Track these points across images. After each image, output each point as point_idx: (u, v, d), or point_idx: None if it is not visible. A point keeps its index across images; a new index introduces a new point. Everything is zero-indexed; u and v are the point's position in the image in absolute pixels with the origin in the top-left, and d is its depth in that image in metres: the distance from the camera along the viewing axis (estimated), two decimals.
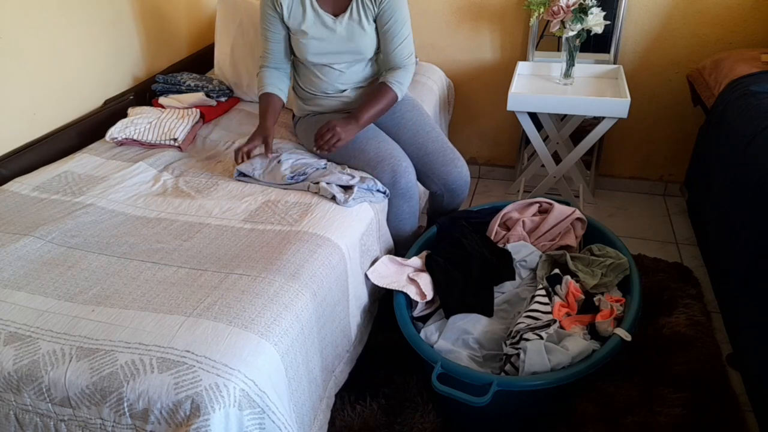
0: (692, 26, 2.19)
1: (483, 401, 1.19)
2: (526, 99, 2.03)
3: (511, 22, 2.34)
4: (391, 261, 1.57)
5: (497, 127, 2.61)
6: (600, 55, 2.30)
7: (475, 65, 2.48)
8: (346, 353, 1.46)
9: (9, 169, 1.66)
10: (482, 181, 2.72)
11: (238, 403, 0.98)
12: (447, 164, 1.74)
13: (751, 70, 1.82)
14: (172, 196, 1.56)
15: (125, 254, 1.31)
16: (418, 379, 1.56)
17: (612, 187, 2.59)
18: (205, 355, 1.01)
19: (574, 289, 1.46)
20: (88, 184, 1.61)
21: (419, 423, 1.45)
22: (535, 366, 1.27)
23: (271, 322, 1.11)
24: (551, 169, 2.21)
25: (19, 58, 1.70)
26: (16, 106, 1.71)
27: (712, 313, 1.80)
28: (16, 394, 1.04)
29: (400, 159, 1.66)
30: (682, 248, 2.17)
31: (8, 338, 1.08)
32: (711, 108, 1.90)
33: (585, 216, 1.71)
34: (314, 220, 1.42)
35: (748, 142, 1.52)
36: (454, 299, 1.48)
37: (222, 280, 1.21)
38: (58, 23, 1.81)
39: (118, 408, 0.99)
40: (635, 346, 1.62)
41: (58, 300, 1.17)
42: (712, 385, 1.52)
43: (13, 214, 1.47)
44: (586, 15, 1.98)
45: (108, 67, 2.03)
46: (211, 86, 2.08)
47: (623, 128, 2.42)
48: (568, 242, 1.65)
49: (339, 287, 1.36)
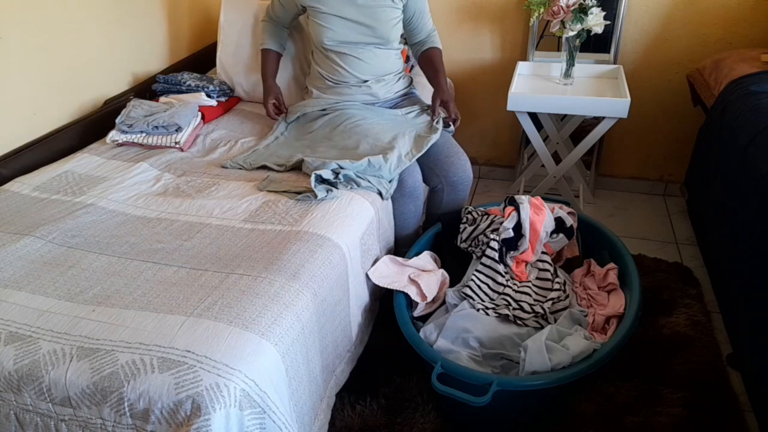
0: (692, 26, 2.19)
1: (483, 401, 1.19)
2: (526, 99, 2.03)
3: (511, 22, 2.34)
4: (392, 261, 1.57)
5: (497, 127, 2.61)
6: (600, 55, 2.31)
7: (475, 65, 2.48)
8: (347, 353, 1.46)
9: (9, 169, 1.66)
10: (482, 181, 2.72)
11: (239, 403, 0.98)
12: (450, 156, 1.75)
13: (751, 70, 1.83)
14: (173, 196, 1.56)
15: (126, 254, 1.31)
16: (418, 379, 1.56)
17: (612, 187, 2.59)
18: (205, 355, 1.01)
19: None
20: (89, 184, 1.61)
21: (419, 423, 1.45)
22: (536, 365, 1.27)
23: (271, 322, 1.11)
24: (551, 169, 2.21)
25: (20, 58, 1.70)
26: (16, 106, 1.71)
27: (712, 313, 1.80)
28: (17, 393, 1.04)
29: None
30: (682, 248, 2.17)
31: (9, 338, 1.08)
32: (711, 108, 1.90)
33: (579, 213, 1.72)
34: (315, 220, 1.42)
35: (748, 142, 1.53)
36: None
37: (222, 280, 1.21)
38: (59, 23, 1.81)
39: (119, 408, 0.99)
40: (635, 346, 1.63)
41: (59, 300, 1.17)
42: (712, 385, 1.52)
43: (14, 214, 1.47)
44: (586, 15, 1.98)
45: (108, 67, 2.03)
46: (211, 86, 2.08)
47: (623, 128, 2.42)
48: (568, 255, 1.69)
49: (340, 287, 1.36)
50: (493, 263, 1.54)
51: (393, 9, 1.76)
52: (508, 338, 1.40)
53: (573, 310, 1.46)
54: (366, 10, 1.73)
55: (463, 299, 1.51)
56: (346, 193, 1.54)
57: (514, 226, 1.55)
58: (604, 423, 1.43)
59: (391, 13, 1.76)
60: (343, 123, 1.78)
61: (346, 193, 1.54)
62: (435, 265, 1.62)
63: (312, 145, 1.76)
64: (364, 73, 1.83)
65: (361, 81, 1.84)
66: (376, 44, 1.79)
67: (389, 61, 1.85)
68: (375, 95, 1.87)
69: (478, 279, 1.54)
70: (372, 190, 1.58)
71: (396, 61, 1.89)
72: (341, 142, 1.72)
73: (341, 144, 1.71)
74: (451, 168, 1.74)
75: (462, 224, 1.66)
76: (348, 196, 1.53)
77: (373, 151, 1.64)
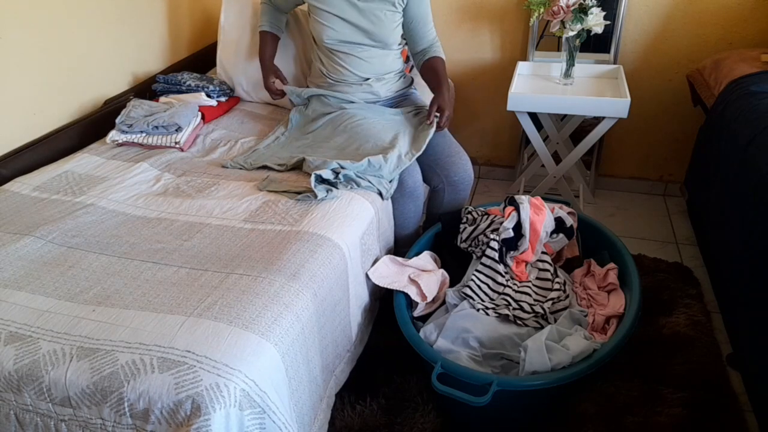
0: (692, 26, 2.19)
1: (483, 401, 1.19)
2: (526, 99, 2.03)
3: (511, 22, 2.34)
4: (392, 261, 1.57)
5: (497, 127, 2.61)
6: (600, 55, 2.31)
7: (476, 65, 2.48)
8: (347, 353, 1.46)
9: (9, 169, 1.66)
10: (482, 181, 2.72)
11: (239, 403, 0.98)
12: (451, 155, 1.75)
13: (751, 70, 1.83)
14: (173, 196, 1.56)
15: (126, 254, 1.31)
16: (418, 379, 1.56)
17: (612, 187, 2.59)
18: (205, 355, 1.01)
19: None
20: (89, 184, 1.61)
21: (419, 423, 1.45)
22: (536, 365, 1.27)
23: (271, 322, 1.11)
24: (551, 169, 2.21)
25: (20, 58, 1.70)
26: (16, 106, 1.71)
27: (712, 313, 1.80)
28: (17, 393, 1.04)
29: None
30: (682, 248, 2.17)
31: (9, 338, 1.08)
32: (711, 108, 1.90)
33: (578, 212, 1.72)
34: (315, 220, 1.42)
35: (748, 142, 1.53)
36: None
37: (222, 280, 1.21)
38: (59, 23, 1.81)
39: (119, 408, 0.99)
40: (635, 346, 1.63)
41: (59, 300, 1.17)
42: (712, 385, 1.52)
43: (14, 214, 1.47)
44: (586, 15, 1.98)
45: (108, 67, 2.03)
46: (211, 86, 2.08)
47: (623, 128, 2.42)
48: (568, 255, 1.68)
49: (340, 287, 1.36)
50: (493, 263, 1.54)
51: (394, 12, 1.76)
52: (508, 338, 1.40)
53: (573, 310, 1.46)
54: (367, 13, 1.73)
55: (463, 299, 1.51)
56: (346, 193, 1.54)
57: (514, 226, 1.55)
58: (604, 423, 1.43)
59: (392, 17, 1.76)
60: (344, 123, 1.78)
61: (346, 193, 1.54)
62: (435, 265, 1.62)
63: (313, 145, 1.76)
64: (364, 72, 1.83)
65: (362, 79, 1.84)
66: (376, 46, 1.79)
67: (390, 60, 1.85)
68: (376, 93, 1.87)
69: (478, 279, 1.54)
70: (372, 190, 1.58)
71: (396, 61, 1.89)
72: (342, 142, 1.72)
73: (342, 144, 1.71)
74: (452, 168, 1.74)
75: (462, 224, 1.67)
76: (348, 196, 1.53)
77: (374, 151, 1.64)
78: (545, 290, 1.54)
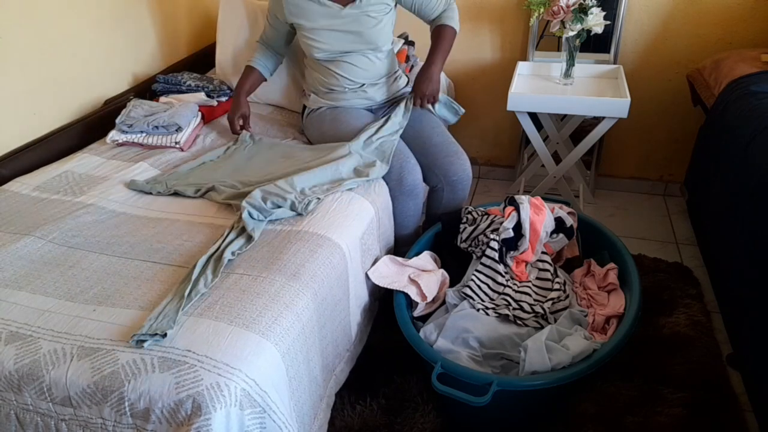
0: (692, 26, 2.19)
1: (483, 401, 1.19)
2: (526, 99, 2.03)
3: (511, 22, 2.34)
4: (392, 261, 1.57)
5: (497, 127, 2.61)
6: (600, 55, 2.31)
7: (475, 65, 2.48)
8: (347, 352, 1.46)
9: (9, 169, 1.66)
10: (482, 181, 2.72)
11: (239, 403, 0.98)
12: (450, 155, 1.75)
13: (751, 70, 1.83)
14: (173, 195, 1.56)
15: (126, 254, 1.31)
16: (418, 379, 1.56)
17: (612, 187, 2.60)
18: (206, 355, 1.01)
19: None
20: (89, 184, 1.61)
21: (419, 423, 1.45)
22: (536, 365, 1.27)
23: (272, 322, 1.11)
24: (551, 169, 2.21)
25: (20, 58, 1.70)
26: (16, 106, 1.71)
27: (712, 313, 1.80)
28: (17, 393, 1.04)
29: (408, 156, 1.69)
30: (682, 248, 2.17)
31: (9, 338, 1.08)
32: (711, 108, 1.90)
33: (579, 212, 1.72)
34: (315, 220, 1.42)
35: (748, 142, 1.53)
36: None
37: (223, 279, 1.21)
38: (59, 23, 1.81)
39: (119, 407, 0.99)
40: (635, 346, 1.63)
41: (59, 299, 1.17)
42: (712, 385, 1.52)
43: (14, 214, 1.47)
44: (586, 15, 1.98)
45: (108, 67, 2.03)
46: (211, 86, 2.08)
47: (623, 128, 2.42)
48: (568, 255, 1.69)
49: (340, 287, 1.36)
50: (493, 263, 1.54)
51: (382, 5, 1.74)
52: (508, 338, 1.40)
53: (573, 310, 1.46)
54: (350, 18, 1.73)
55: (463, 299, 1.51)
56: (346, 193, 1.54)
57: (514, 226, 1.55)
58: (604, 423, 1.43)
59: (378, 15, 1.74)
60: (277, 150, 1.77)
61: (346, 193, 1.54)
62: (435, 265, 1.62)
63: (243, 169, 1.65)
64: (358, 78, 1.82)
65: (356, 86, 1.83)
66: (366, 50, 1.78)
67: (382, 64, 1.84)
68: (371, 99, 1.87)
69: (478, 279, 1.54)
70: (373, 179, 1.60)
71: (390, 64, 1.87)
72: (283, 162, 1.67)
73: (283, 164, 1.65)
74: (450, 167, 1.74)
75: (462, 224, 1.67)
76: (348, 196, 1.54)
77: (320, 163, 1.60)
78: (545, 290, 1.54)
